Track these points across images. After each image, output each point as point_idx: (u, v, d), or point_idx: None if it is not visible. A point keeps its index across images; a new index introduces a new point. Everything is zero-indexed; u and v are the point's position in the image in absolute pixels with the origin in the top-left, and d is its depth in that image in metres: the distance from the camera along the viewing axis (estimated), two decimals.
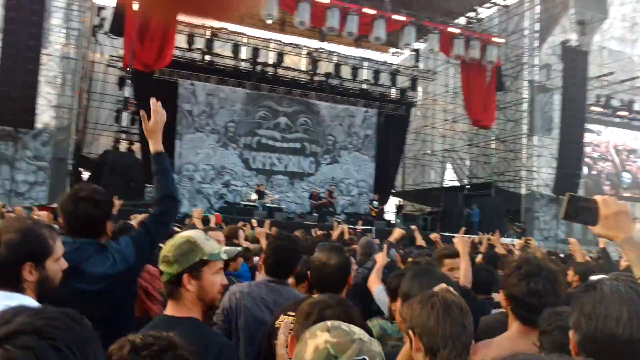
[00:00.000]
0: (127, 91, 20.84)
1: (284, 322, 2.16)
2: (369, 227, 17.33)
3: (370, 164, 23.26)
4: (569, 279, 5.29)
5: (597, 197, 1.77)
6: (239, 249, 2.56)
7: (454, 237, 5.34)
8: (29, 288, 1.92)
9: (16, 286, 1.90)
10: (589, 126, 23.08)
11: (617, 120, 24.36)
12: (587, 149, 23.81)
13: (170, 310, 2.13)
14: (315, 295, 2.66)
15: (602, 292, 1.41)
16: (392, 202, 25.72)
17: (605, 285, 1.42)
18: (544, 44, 23.02)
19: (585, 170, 23.42)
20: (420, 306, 1.77)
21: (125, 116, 21.21)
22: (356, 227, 15.47)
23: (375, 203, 20.50)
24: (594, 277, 1.56)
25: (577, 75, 21.37)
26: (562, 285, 2.38)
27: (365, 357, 1.29)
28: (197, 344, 2.00)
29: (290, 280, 3.31)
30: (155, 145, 2.79)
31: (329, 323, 1.38)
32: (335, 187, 21.50)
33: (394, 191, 26.24)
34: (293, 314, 2.61)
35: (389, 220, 21.26)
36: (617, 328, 1.33)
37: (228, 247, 2.36)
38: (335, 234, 10.59)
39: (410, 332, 1.79)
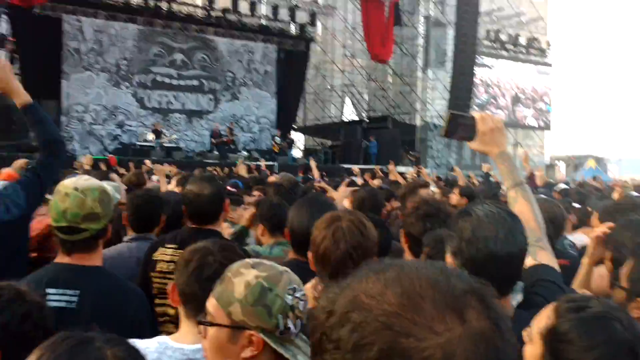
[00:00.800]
0: (4, 28, 19.17)
1: None
2: (271, 163, 17.47)
3: (271, 100, 23.15)
4: (453, 202, 5.65)
5: (475, 114, 1.85)
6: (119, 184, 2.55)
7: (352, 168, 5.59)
8: None
9: None
10: (483, 60, 24.06)
11: (505, 53, 25.58)
12: (480, 89, 24.78)
13: (73, 259, 2.01)
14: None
15: (477, 217, 1.50)
16: (295, 137, 25.88)
17: (479, 209, 1.52)
18: None
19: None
20: (318, 231, 1.86)
21: (3, 54, 19.57)
22: (259, 164, 15.59)
23: (278, 139, 20.58)
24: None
25: (469, 10, 22.04)
26: None
27: (295, 285, 1.34)
28: (117, 292, 2.01)
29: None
30: (19, 97, 2.50)
31: (249, 261, 1.40)
32: (236, 124, 21.31)
33: (295, 127, 26.40)
34: (171, 246, 2.60)
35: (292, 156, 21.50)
36: (496, 247, 1.45)
37: (113, 183, 2.32)
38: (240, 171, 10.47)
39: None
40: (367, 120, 24.15)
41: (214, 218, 2.69)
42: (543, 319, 1.28)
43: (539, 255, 1.75)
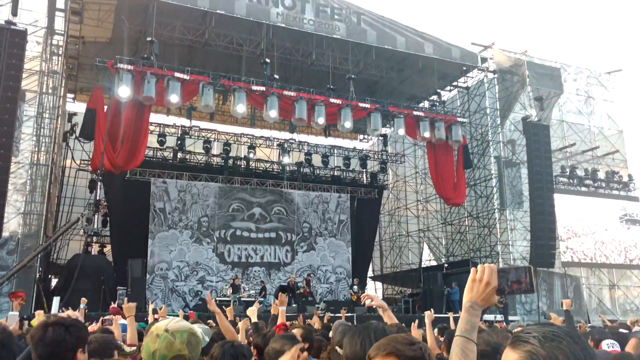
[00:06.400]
0: (99, 193, 20.77)
1: None
2: (350, 314, 16.97)
3: (346, 249, 23.17)
4: None
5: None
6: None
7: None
8: None
9: None
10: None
11: (584, 189, 24.83)
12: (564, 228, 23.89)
13: None
14: None
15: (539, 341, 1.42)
16: (372, 287, 25.36)
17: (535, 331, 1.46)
18: (506, 120, 23.86)
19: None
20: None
21: (97, 219, 21.00)
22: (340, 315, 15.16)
23: (356, 288, 20.20)
24: None
25: (540, 148, 21.98)
26: None
27: None
28: None
29: None
30: None
31: None
32: (313, 275, 21.23)
33: (372, 275, 25.98)
34: None
35: (371, 306, 20.85)
36: None
37: (204, 327, 2.53)
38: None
39: None
40: (447, 265, 23.49)
41: None
42: None
43: None
